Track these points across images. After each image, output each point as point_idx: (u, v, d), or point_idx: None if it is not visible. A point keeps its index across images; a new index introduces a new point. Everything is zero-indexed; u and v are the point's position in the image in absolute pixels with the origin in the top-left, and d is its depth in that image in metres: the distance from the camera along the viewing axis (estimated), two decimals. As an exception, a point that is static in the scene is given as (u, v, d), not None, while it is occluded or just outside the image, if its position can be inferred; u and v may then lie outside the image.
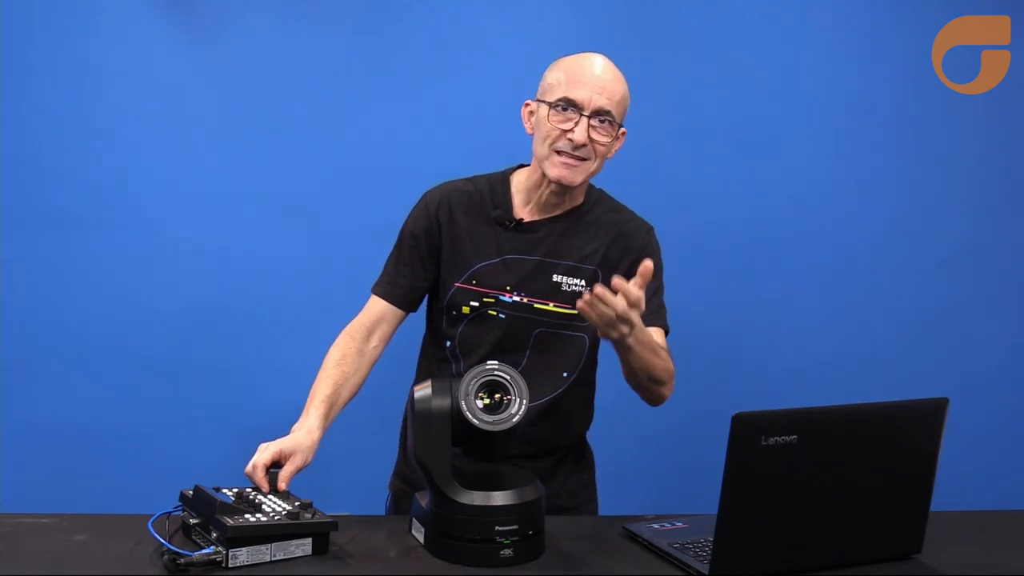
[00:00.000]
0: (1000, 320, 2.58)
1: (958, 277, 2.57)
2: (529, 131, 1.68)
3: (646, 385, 1.59)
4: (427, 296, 1.76)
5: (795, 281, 2.54)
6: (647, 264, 1.37)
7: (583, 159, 1.60)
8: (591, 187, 1.74)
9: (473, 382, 1.36)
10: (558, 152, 1.61)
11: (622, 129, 1.67)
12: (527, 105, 1.68)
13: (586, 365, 1.72)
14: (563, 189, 1.65)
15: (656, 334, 1.65)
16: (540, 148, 1.63)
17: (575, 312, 1.64)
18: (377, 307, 1.71)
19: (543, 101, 1.63)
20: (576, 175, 1.61)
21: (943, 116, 2.54)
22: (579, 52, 1.67)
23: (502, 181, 1.73)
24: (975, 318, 2.58)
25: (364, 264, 1.79)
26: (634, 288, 1.35)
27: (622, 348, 1.47)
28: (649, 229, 1.74)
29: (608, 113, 1.60)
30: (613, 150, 1.67)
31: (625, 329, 1.38)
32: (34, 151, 2.38)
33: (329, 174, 2.44)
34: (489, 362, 1.37)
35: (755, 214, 2.52)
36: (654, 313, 1.66)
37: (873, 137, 2.54)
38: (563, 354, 1.68)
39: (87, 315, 2.40)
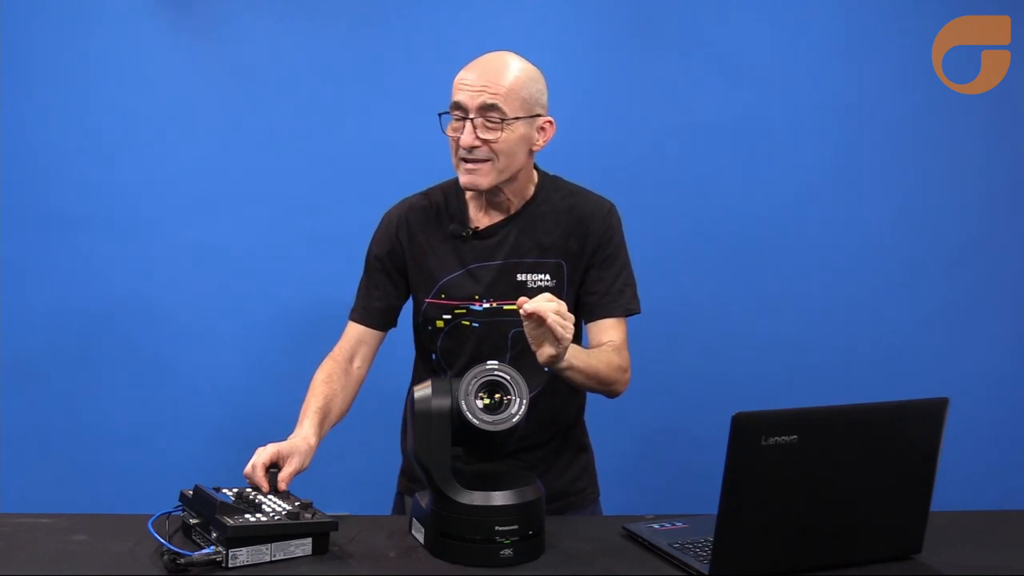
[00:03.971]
0: (1000, 320, 2.58)
1: (958, 277, 2.57)
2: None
3: (602, 390, 1.64)
4: (411, 311, 1.77)
5: (795, 281, 2.53)
6: (520, 303, 1.39)
7: (483, 160, 1.59)
8: (543, 175, 1.73)
9: (473, 382, 1.36)
10: (463, 160, 1.60)
11: (546, 119, 1.65)
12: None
13: None
14: (483, 193, 1.64)
15: (611, 327, 1.66)
16: (452, 160, 1.64)
17: None
18: (355, 331, 1.73)
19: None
20: (480, 178, 1.60)
21: (943, 116, 2.54)
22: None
23: (455, 188, 1.72)
24: (975, 318, 2.58)
25: (363, 265, 1.79)
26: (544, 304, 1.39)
27: (561, 369, 1.49)
28: (609, 209, 1.72)
29: (493, 108, 1.57)
30: (541, 141, 1.65)
31: (559, 343, 1.40)
32: (34, 151, 2.38)
33: (330, 174, 2.44)
34: (489, 362, 1.37)
35: (755, 214, 2.52)
36: (613, 300, 1.67)
37: (873, 137, 2.54)
38: None
39: (87, 315, 2.40)
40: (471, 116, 1.58)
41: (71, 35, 2.37)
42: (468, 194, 1.71)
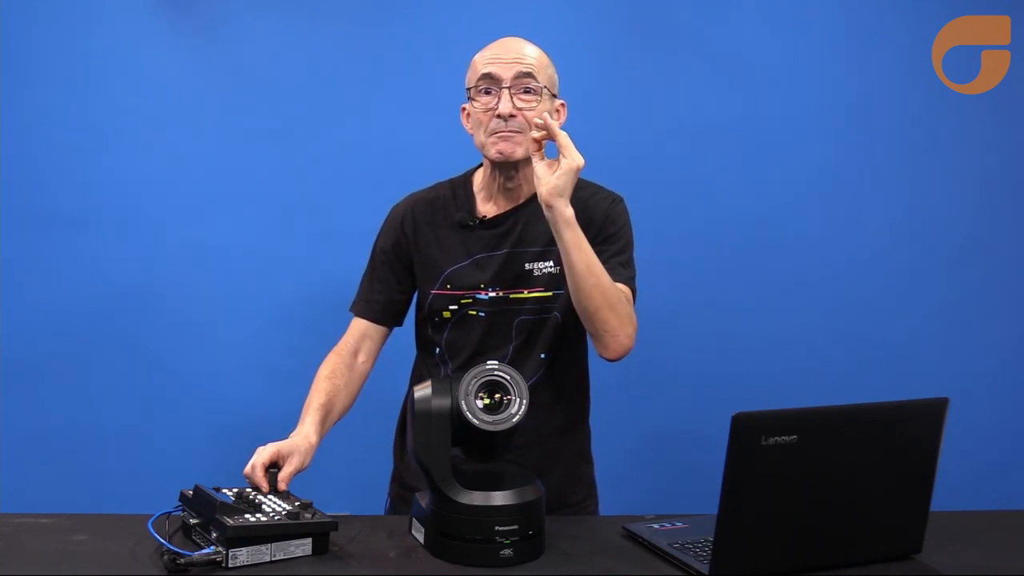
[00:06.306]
0: (1000, 320, 2.58)
1: (958, 277, 2.57)
2: (470, 132, 1.67)
3: (600, 311, 1.54)
4: (414, 309, 1.77)
5: (795, 281, 2.53)
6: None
7: (517, 131, 1.60)
8: None
9: (473, 382, 1.36)
10: (493, 133, 1.61)
11: (560, 101, 1.67)
12: (464, 109, 1.68)
13: (564, 346, 1.69)
14: (510, 169, 1.65)
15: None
16: (478, 137, 1.64)
17: (549, 294, 1.66)
18: (358, 326, 1.74)
19: (469, 93, 1.65)
20: (514, 147, 1.61)
21: (943, 116, 2.54)
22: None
23: (464, 183, 1.74)
24: (975, 318, 2.57)
25: (364, 265, 1.79)
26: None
27: (562, 225, 1.49)
28: (615, 199, 1.72)
29: (529, 76, 1.60)
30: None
31: (564, 170, 1.47)
32: (34, 151, 2.38)
33: (330, 174, 2.44)
34: (489, 362, 1.37)
35: (755, 214, 2.51)
36: (613, 269, 1.63)
37: (873, 137, 2.54)
38: (541, 337, 1.68)
39: (87, 315, 2.40)
40: (506, 86, 1.60)
41: (71, 35, 2.37)
42: (475, 186, 1.73)
